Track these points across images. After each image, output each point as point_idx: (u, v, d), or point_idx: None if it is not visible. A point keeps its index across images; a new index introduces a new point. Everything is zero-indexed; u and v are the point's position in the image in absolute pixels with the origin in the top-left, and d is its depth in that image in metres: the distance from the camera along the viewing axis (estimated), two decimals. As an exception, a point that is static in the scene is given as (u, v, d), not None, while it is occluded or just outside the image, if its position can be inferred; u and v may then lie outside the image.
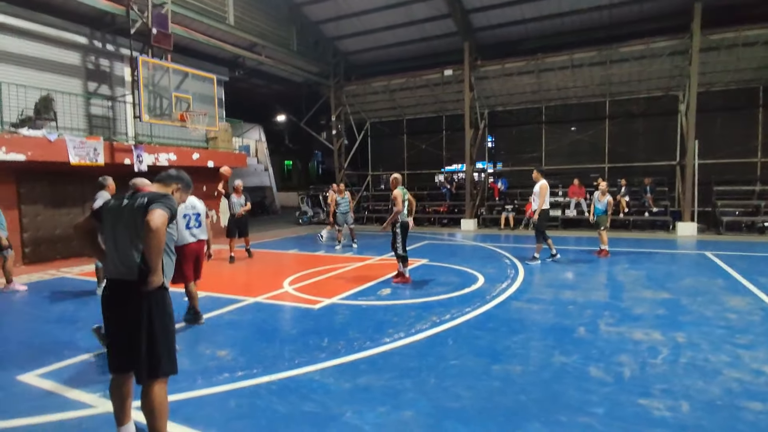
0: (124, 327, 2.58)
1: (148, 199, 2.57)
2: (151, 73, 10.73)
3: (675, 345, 4.46)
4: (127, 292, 2.57)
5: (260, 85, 19.78)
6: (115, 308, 2.61)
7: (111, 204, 2.71)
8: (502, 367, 3.99)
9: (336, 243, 11.82)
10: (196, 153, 13.02)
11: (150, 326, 2.56)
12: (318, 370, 4.00)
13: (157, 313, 2.59)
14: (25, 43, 10.19)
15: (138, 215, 2.54)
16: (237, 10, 13.92)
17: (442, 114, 19.37)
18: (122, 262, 2.59)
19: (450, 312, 5.68)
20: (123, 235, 2.61)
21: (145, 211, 2.49)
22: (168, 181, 2.90)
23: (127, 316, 2.57)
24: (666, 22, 13.61)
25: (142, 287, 2.52)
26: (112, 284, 2.63)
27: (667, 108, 15.72)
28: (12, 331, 5.37)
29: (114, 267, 2.62)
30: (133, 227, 2.58)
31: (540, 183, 9.09)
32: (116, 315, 2.60)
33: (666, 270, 8.21)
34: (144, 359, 2.56)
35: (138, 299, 2.55)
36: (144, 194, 2.65)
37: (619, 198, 14.54)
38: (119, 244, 2.61)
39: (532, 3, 13.95)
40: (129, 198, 2.68)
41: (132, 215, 2.59)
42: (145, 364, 2.58)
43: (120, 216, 2.64)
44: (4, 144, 8.75)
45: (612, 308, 5.78)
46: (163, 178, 2.92)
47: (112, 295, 2.62)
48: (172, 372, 2.70)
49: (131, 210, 2.60)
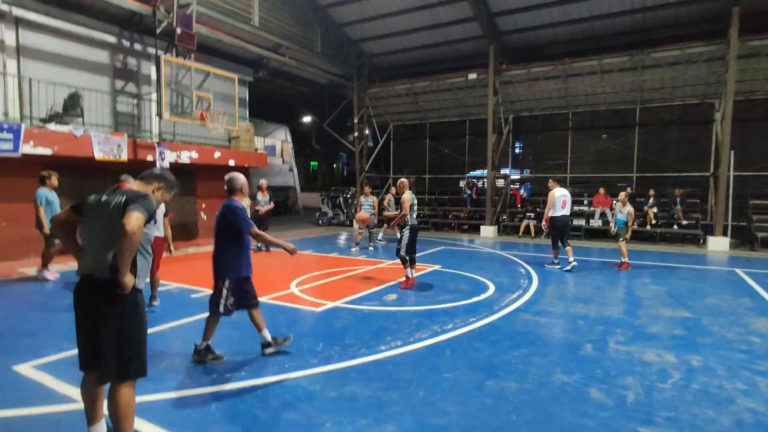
0: (92, 325, 2.54)
1: (126, 198, 2.53)
2: (174, 72, 10.94)
3: (688, 369, 4.17)
4: (98, 290, 2.53)
5: (285, 86, 19.96)
6: (84, 306, 2.57)
7: (91, 199, 2.68)
8: (497, 383, 3.81)
9: (354, 245, 11.77)
10: (217, 151, 13.21)
11: (119, 327, 2.52)
12: (307, 376, 3.91)
13: (127, 313, 2.54)
14: (57, 42, 10.55)
15: (114, 214, 2.50)
16: (262, 11, 14.08)
17: (465, 118, 19.10)
18: (95, 258, 2.55)
19: (453, 321, 5.50)
20: (98, 232, 2.59)
21: (122, 210, 2.46)
22: (150, 179, 2.86)
23: (96, 315, 2.53)
24: (702, 27, 13.01)
25: (114, 288, 2.48)
26: (83, 280, 2.60)
27: (702, 116, 15.04)
28: (18, 319, 5.50)
29: (87, 263, 2.59)
30: (108, 225, 2.54)
31: (551, 191, 9.32)
32: (85, 312, 2.57)
33: (690, 286, 7.78)
34: (110, 360, 2.51)
35: (108, 298, 2.51)
36: (123, 192, 2.62)
37: (647, 209, 14.00)
38: (93, 240, 2.59)
39: (561, 6, 13.59)
40: (108, 195, 2.65)
41: (109, 213, 2.55)
42: (112, 365, 2.53)
43: (98, 212, 2.61)
44: (32, 138, 9.06)
45: (625, 325, 5.48)
46: (145, 176, 2.89)
47: (82, 292, 2.59)
48: (140, 374, 2.63)
49: (108, 207, 2.56)
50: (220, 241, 4.24)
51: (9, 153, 8.67)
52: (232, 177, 4.38)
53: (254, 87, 16.28)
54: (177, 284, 7.42)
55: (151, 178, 2.87)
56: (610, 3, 13.15)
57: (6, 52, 9.70)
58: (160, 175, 2.92)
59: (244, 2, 13.57)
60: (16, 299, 6.54)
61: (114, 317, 2.51)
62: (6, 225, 9.49)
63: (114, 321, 2.50)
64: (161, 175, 2.92)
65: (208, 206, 14.15)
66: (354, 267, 9.26)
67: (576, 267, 8.91)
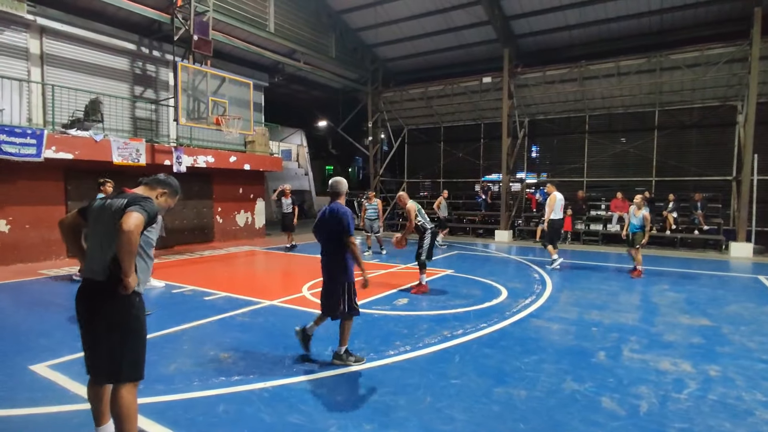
0: (92, 328, 2.57)
1: (127, 201, 2.54)
2: (191, 78, 11.13)
3: (705, 379, 4.05)
4: (96, 293, 2.55)
5: (300, 91, 20.16)
6: (84, 309, 2.60)
7: (95, 203, 2.70)
8: (506, 390, 3.75)
9: (366, 249, 11.78)
10: (233, 156, 13.38)
11: (116, 330, 2.52)
12: (314, 380, 3.91)
13: (126, 316, 2.55)
14: (79, 49, 10.85)
15: (115, 216, 2.51)
16: (277, 17, 14.26)
17: (480, 122, 19.00)
18: (95, 262, 2.57)
19: (464, 327, 5.45)
20: (98, 235, 2.61)
21: (122, 213, 2.48)
22: (153, 185, 2.88)
23: (94, 318, 2.55)
24: (722, 28, 12.73)
25: (112, 291, 2.50)
26: (84, 284, 2.63)
27: (724, 119, 14.67)
28: (36, 320, 5.63)
29: (88, 267, 2.62)
30: (108, 228, 2.55)
31: (551, 195, 9.87)
32: (85, 316, 2.59)
33: (710, 294, 7.57)
34: (104, 363, 2.53)
35: (107, 301, 2.52)
36: (125, 195, 2.64)
37: (666, 214, 13.70)
38: (95, 244, 2.61)
39: (576, 9, 13.44)
40: (112, 198, 2.67)
41: (110, 216, 2.57)
42: (106, 368, 2.54)
43: (100, 216, 2.63)
44: (54, 143, 9.31)
45: (640, 333, 5.35)
46: (149, 181, 2.91)
47: (83, 295, 2.61)
48: (135, 378, 2.61)
49: (109, 211, 2.58)
50: (335, 246, 4.23)
51: (32, 158, 8.92)
52: (339, 180, 4.42)
53: (270, 92, 16.47)
54: (191, 287, 7.52)
55: (155, 184, 2.88)
56: (627, 5, 12.95)
57: (31, 60, 10.03)
58: (164, 180, 2.92)
59: (260, 9, 13.77)
60: (35, 300, 6.70)
61: (111, 320, 2.51)
62: (29, 227, 9.76)
63: (111, 324, 2.51)
64: (165, 180, 2.93)
65: (224, 209, 14.34)
66: (368, 271, 9.23)
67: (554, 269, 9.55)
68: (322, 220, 4.27)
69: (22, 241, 9.66)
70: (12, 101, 9.53)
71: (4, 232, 9.40)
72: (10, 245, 9.47)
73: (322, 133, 29.73)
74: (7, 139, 8.59)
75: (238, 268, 10.03)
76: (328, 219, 4.21)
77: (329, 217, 4.21)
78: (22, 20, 9.66)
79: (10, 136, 8.63)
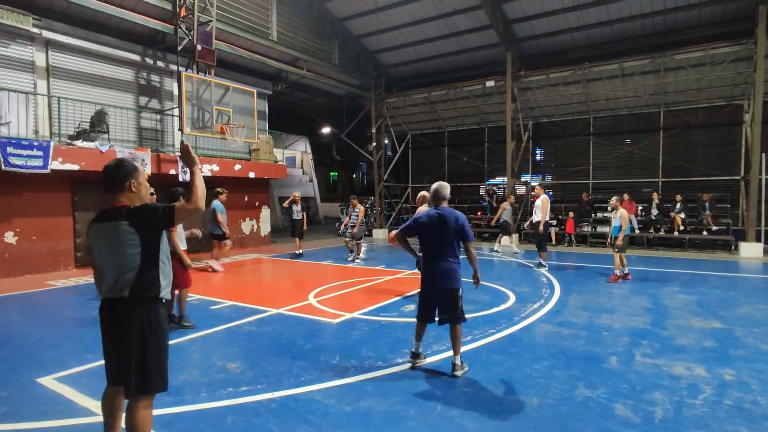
0: (114, 342, 2.56)
1: (130, 223, 2.47)
2: (195, 88, 11.19)
3: (720, 383, 3.97)
4: (116, 309, 2.53)
5: (304, 98, 20.23)
6: (105, 324, 2.58)
7: (93, 224, 2.60)
8: (517, 398, 3.69)
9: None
10: (238, 164, 13.42)
11: (139, 342, 2.51)
12: (322, 390, 3.87)
13: (149, 328, 2.53)
14: (84, 61, 10.94)
15: (118, 233, 2.47)
16: (280, 26, 14.34)
17: (484, 126, 18.97)
18: (110, 280, 2.53)
19: (472, 333, 5.39)
20: (106, 253, 2.54)
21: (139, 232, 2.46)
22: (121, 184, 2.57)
23: (116, 332, 2.54)
24: (727, 27, 12.67)
25: (133, 306, 2.51)
26: (104, 302, 2.60)
27: (730, 118, 14.57)
28: (45, 331, 5.64)
29: (105, 285, 2.57)
30: (114, 245, 2.50)
31: (541, 197, 9.89)
32: (107, 330, 2.58)
33: (721, 295, 7.47)
34: (131, 375, 2.52)
35: (130, 315, 2.51)
36: (119, 210, 2.51)
37: (674, 215, 13.58)
38: (105, 262, 2.56)
39: (578, 11, 13.42)
40: (106, 216, 2.55)
41: (113, 233, 2.49)
42: (133, 380, 2.53)
43: (100, 235, 2.56)
44: (60, 155, 9.37)
45: (652, 337, 5.28)
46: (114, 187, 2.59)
47: (104, 311, 2.59)
48: (161, 389, 2.62)
49: (110, 229, 2.51)
50: (454, 251, 4.24)
51: (39, 170, 8.98)
52: (443, 185, 4.36)
53: (273, 100, 16.54)
54: (197, 296, 7.50)
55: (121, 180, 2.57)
56: (629, 6, 12.92)
57: (37, 73, 10.12)
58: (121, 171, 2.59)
59: (263, 18, 13.85)
60: (43, 312, 6.72)
61: (133, 334, 2.50)
62: (36, 239, 9.81)
63: (133, 337, 2.50)
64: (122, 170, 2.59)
65: (229, 217, 14.32)
66: (373, 277, 9.22)
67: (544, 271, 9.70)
68: (434, 224, 4.19)
69: (30, 252, 9.70)
70: (18, 114, 9.61)
71: (12, 244, 9.45)
72: (17, 257, 9.52)
73: (326, 139, 29.83)
74: (14, 152, 8.66)
75: (245, 276, 10.02)
76: (449, 223, 4.16)
77: (451, 221, 4.16)
78: (28, 34, 9.75)
79: (17, 148, 8.69)
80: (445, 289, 4.22)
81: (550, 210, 15.81)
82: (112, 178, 2.57)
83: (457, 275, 4.24)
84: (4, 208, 9.31)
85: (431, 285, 4.26)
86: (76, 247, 10.53)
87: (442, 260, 4.19)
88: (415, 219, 4.34)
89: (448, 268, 4.20)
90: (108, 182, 2.58)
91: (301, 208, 12.54)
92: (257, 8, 13.70)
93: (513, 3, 13.64)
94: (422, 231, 4.25)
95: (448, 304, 4.24)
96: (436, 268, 4.20)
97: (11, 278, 9.27)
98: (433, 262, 4.22)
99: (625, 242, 8.65)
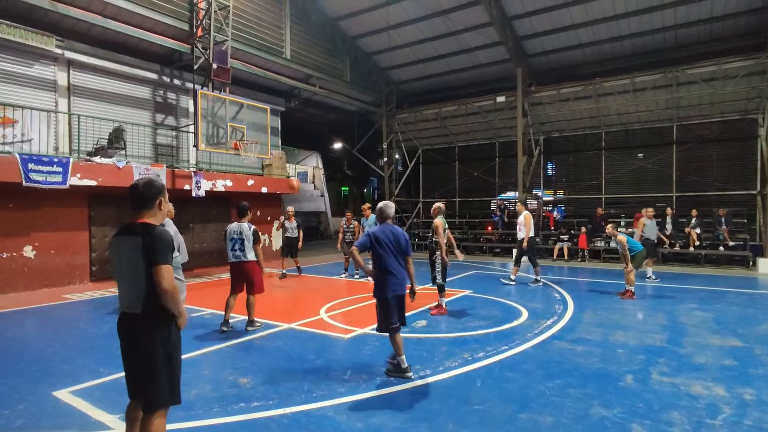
0: (129, 356, 2.66)
1: (143, 243, 2.53)
2: (210, 105, 11.42)
3: (741, 403, 3.88)
4: (131, 324, 2.62)
5: (316, 114, 20.51)
6: (123, 338, 2.68)
7: (113, 241, 2.71)
8: (531, 417, 3.64)
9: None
10: (250, 179, 13.58)
11: (153, 357, 2.58)
12: (333, 405, 3.86)
13: (161, 344, 2.60)
14: (104, 80, 11.27)
15: (134, 254, 2.55)
16: (293, 44, 14.64)
17: (495, 141, 19.01)
18: (126, 295, 2.65)
19: (484, 350, 5.35)
20: (123, 270, 2.64)
21: (145, 256, 2.51)
22: (150, 202, 2.69)
23: (131, 347, 2.63)
24: (738, 41, 12.66)
25: (147, 321, 2.59)
26: (121, 316, 2.69)
27: (744, 132, 14.42)
28: (60, 345, 5.71)
29: (122, 300, 2.67)
30: (131, 264, 2.58)
31: (523, 214, 9.92)
32: (123, 345, 2.68)
33: (739, 312, 7.31)
34: (145, 389, 2.61)
35: (142, 331, 2.59)
36: (137, 232, 2.59)
37: (689, 230, 13.39)
38: (122, 278, 2.67)
39: (589, 27, 13.51)
40: (125, 233, 2.65)
41: (129, 252, 2.58)
42: (147, 394, 2.62)
43: (119, 251, 2.66)
44: (79, 171, 9.59)
45: (669, 355, 5.18)
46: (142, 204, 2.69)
47: (121, 326, 2.69)
48: (173, 402, 2.69)
49: (127, 247, 2.60)
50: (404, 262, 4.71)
51: (58, 185, 9.19)
52: (388, 204, 4.87)
53: (286, 116, 16.79)
54: (210, 310, 7.56)
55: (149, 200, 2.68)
56: (640, 22, 12.97)
57: (58, 92, 10.44)
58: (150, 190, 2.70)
59: (277, 37, 14.17)
60: (59, 325, 6.81)
61: (147, 349, 2.58)
62: (54, 253, 9.99)
63: (147, 353, 2.58)
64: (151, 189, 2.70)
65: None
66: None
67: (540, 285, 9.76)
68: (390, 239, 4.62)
69: (47, 266, 9.88)
70: (40, 131, 9.89)
71: (30, 258, 9.65)
72: (35, 270, 9.70)
73: (338, 154, 30.08)
74: (35, 168, 8.89)
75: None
76: (400, 238, 4.66)
77: (401, 237, 4.68)
78: (52, 54, 10.09)
79: (37, 164, 8.92)
80: (402, 296, 4.66)
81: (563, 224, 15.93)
82: (142, 197, 2.66)
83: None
84: (24, 223, 9.54)
85: (393, 292, 4.58)
86: (92, 261, 10.71)
87: (398, 271, 4.61)
88: (373, 233, 4.66)
89: (403, 277, 4.65)
90: (138, 200, 2.67)
91: (296, 225, 11.34)
92: (271, 27, 14.03)
93: (523, 20, 13.78)
94: (380, 245, 4.58)
95: (403, 308, 4.69)
96: (395, 278, 4.59)
97: (29, 291, 9.44)
98: (391, 273, 4.58)
99: (637, 258, 8.53)
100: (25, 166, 8.74)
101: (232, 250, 6.16)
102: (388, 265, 4.56)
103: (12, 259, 9.41)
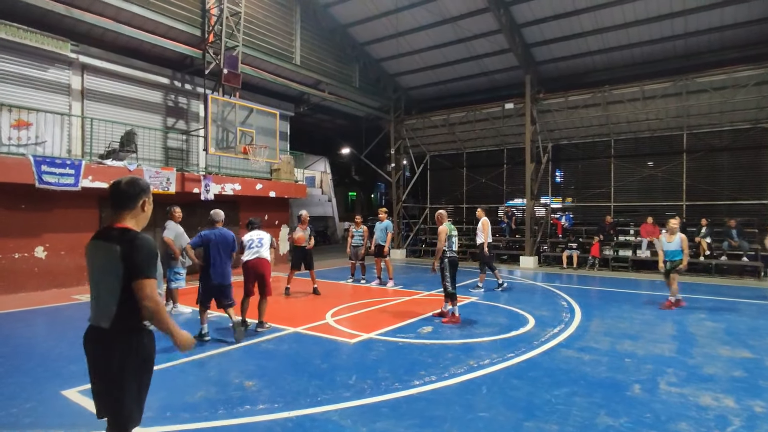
0: (98, 375, 2.39)
1: (122, 252, 2.25)
2: (220, 109, 11.55)
3: (750, 415, 3.82)
4: (98, 340, 2.35)
5: (325, 120, 20.63)
6: (89, 355, 2.40)
7: (89, 245, 2.44)
8: (536, 425, 3.62)
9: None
10: (259, 183, 13.69)
11: (121, 380, 2.31)
12: (338, 410, 3.86)
13: (130, 366, 2.32)
14: (117, 84, 11.44)
15: (110, 263, 2.28)
16: (303, 50, 14.78)
17: (503, 147, 18.98)
18: (98, 307, 2.36)
19: (490, 357, 5.33)
20: (97, 278, 2.39)
21: (124, 269, 2.24)
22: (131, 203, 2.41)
23: (97, 364, 2.36)
24: (749, 50, 12.55)
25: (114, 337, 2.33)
26: (88, 329, 2.42)
27: (756, 141, 14.27)
28: (68, 345, 5.76)
29: (93, 312, 2.40)
30: (105, 273, 2.32)
31: (482, 220, 10.10)
32: (90, 362, 2.40)
33: (750, 323, 7.21)
34: (113, 411, 2.37)
35: (108, 352, 2.30)
36: (115, 238, 2.32)
37: (699, 240, 13.25)
38: (96, 288, 2.40)
39: (598, 35, 13.49)
40: (102, 238, 2.39)
41: (105, 260, 2.32)
42: (113, 416, 2.38)
43: (94, 258, 2.40)
44: (90, 173, 9.74)
45: (678, 365, 5.12)
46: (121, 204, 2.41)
47: (87, 341, 2.41)
48: (137, 424, 2.44)
49: (103, 254, 2.33)
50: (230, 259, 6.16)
51: (70, 187, 9.33)
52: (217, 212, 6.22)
53: (295, 121, 16.91)
54: (216, 313, 7.58)
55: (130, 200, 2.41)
56: (650, 30, 12.93)
57: (72, 95, 10.60)
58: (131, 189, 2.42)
59: (287, 43, 14.31)
60: (68, 325, 6.89)
61: (113, 369, 2.30)
62: (64, 254, 10.11)
63: (113, 373, 2.31)
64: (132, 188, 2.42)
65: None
66: (390, 298, 9.20)
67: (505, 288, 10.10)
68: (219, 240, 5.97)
69: (58, 266, 10.00)
70: (54, 134, 10.06)
71: (41, 258, 9.77)
72: (46, 271, 9.82)
73: (346, 160, 30.19)
74: (48, 170, 9.03)
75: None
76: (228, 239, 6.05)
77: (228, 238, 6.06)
78: (66, 59, 10.27)
79: (50, 166, 9.07)
80: (223, 285, 6.00)
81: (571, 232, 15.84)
82: (124, 195, 2.39)
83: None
84: (36, 224, 9.67)
85: (213, 281, 5.92)
86: (102, 262, 10.80)
87: (224, 266, 5.99)
88: (204, 235, 5.96)
89: (227, 271, 6.04)
90: (118, 199, 2.40)
91: (309, 232, 9.53)
92: (282, 33, 14.18)
93: (532, 27, 13.79)
94: (210, 245, 5.89)
95: (224, 295, 6.03)
96: (219, 271, 5.94)
97: (40, 291, 9.56)
98: (216, 267, 5.92)
99: (679, 264, 8.22)
100: (38, 168, 8.89)
101: (250, 248, 6.56)
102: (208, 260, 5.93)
103: (23, 259, 9.54)
